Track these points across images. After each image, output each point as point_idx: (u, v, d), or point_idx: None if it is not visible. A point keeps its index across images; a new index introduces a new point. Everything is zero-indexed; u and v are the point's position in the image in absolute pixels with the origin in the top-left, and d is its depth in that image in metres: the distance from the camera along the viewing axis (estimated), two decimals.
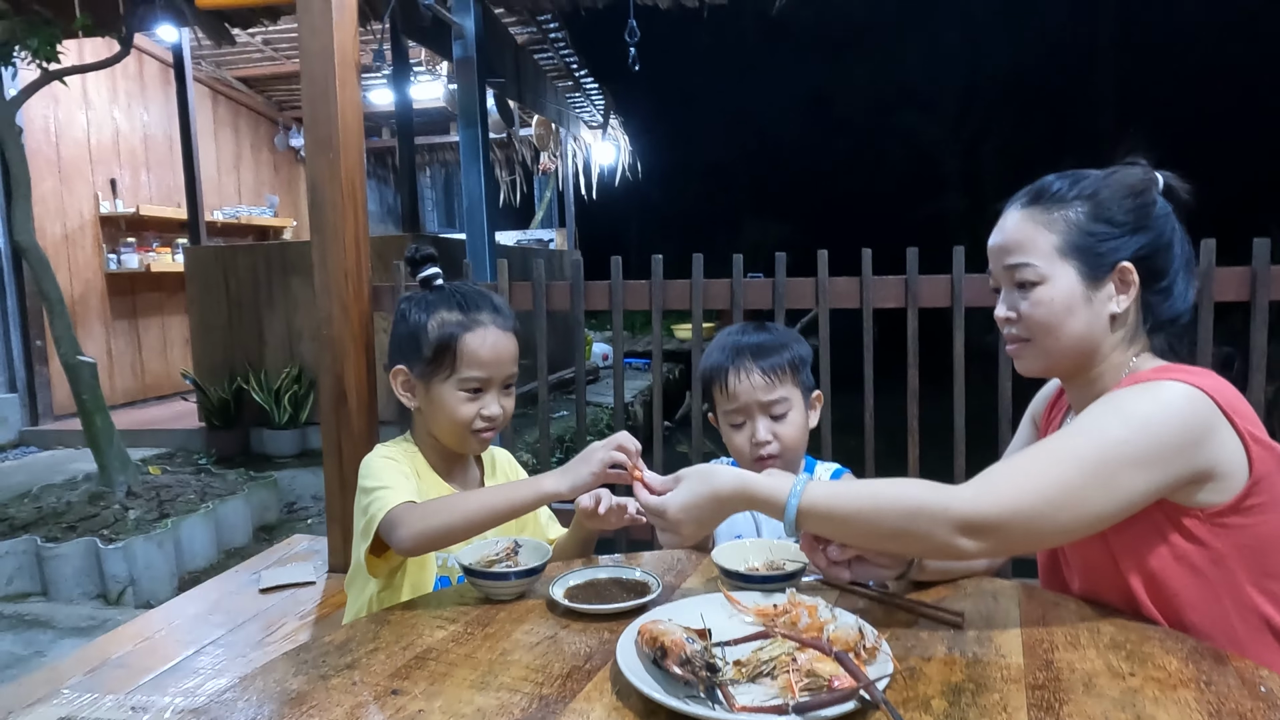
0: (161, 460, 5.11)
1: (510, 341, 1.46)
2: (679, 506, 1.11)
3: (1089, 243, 1.15)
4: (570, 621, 1.14)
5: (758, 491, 1.09)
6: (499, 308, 1.47)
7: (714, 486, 1.10)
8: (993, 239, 1.23)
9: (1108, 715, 0.86)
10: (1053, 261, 1.16)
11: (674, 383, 8.98)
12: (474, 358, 1.41)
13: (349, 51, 2.63)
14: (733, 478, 1.10)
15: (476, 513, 1.28)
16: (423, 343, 1.43)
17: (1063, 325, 1.17)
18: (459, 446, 1.49)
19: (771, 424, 1.50)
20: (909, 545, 1.08)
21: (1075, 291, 1.16)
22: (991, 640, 1.05)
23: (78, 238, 6.47)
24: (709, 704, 0.86)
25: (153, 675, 2.17)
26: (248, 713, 0.93)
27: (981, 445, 2.57)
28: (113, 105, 6.85)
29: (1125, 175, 1.19)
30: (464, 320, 1.42)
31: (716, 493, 1.10)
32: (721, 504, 1.10)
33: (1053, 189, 1.19)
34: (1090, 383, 1.20)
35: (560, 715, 0.89)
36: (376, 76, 7.40)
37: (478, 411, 1.43)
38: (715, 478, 1.11)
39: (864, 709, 0.86)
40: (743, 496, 1.10)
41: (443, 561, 1.47)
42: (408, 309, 1.48)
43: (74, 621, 3.13)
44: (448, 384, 1.42)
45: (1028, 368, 1.24)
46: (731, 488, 1.10)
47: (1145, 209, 1.17)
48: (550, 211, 11.04)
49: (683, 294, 2.80)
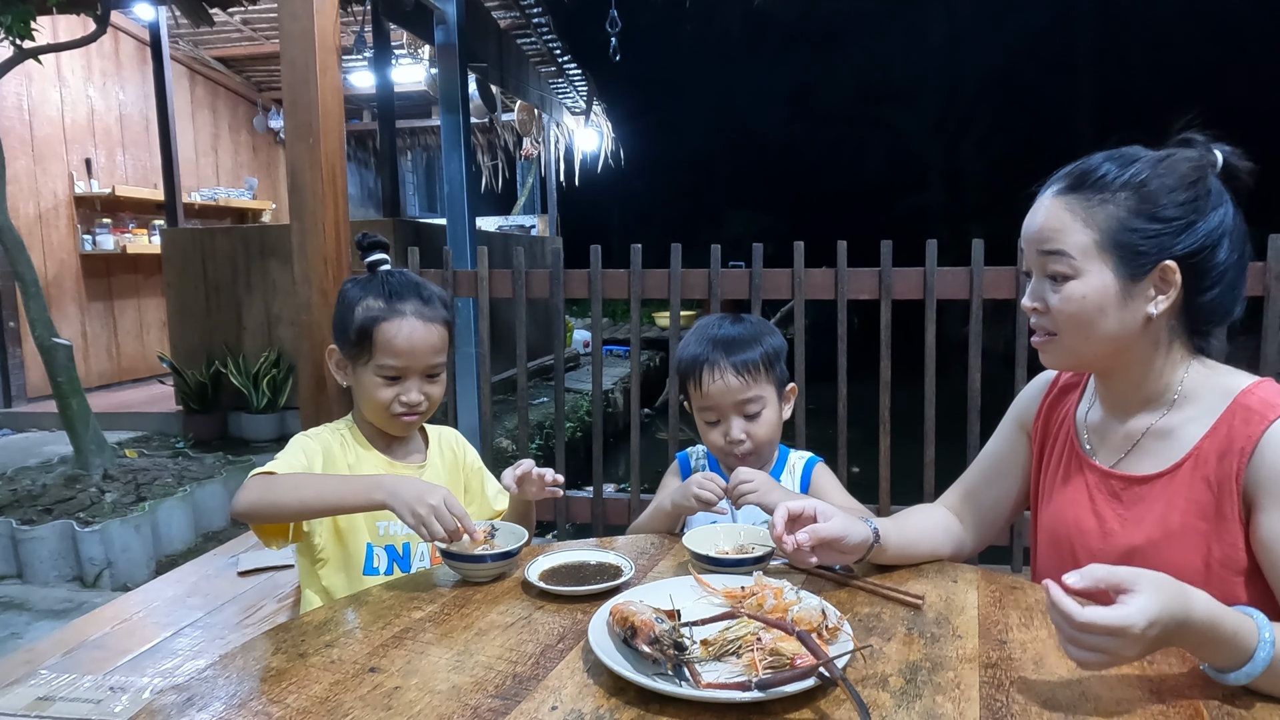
0: (138, 444, 5.08)
1: (432, 333, 1.48)
2: (1149, 622, 0.84)
3: (1131, 239, 1.06)
4: (545, 603, 1.17)
5: (1223, 626, 0.87)
6: (427, 299, 1.50)
7: (1188, 608, 0.86)
8: (1027, 223, 1.14)
9: (1055, 692, 0.90)
10: (1089, 256, 1.07)
11: (654, 370, 9.03)
12: (389, 346, 1.45)
13: (329, 36, 2.62)
14: (1207, 606, 0.87)
15: (309, 499, 1.33)
16: (349, 326, 1.47)
17: (1093, 324, 1.09)
18: (384, 426, 1.53)
19: (745, 423, 1.52)
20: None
21: (1110, 290, 1.07)
22: (949, 621, 1.09)
23: (52, 218, 6.38)
24: (676, 681, 0.89)
25: (131, 656, 2.17)
26: (228, 689, 0.96)
27: (951, 435, 2.64)
28: (88, 84, 6.75)
29: (1178, 162, 1.08)
30: (385, 309, 1.46)
31: (1189, 616, 0.86)
32: (1183, 629, 0.86)
33: (1098, 173, 1.09)
34: (1132, 384, 1.15)
35: (533, 692, 0.92)
36: (358, 59, 7.33)
37: (395, 396, 1.47)
38: (1190, 599, 0.87)
39: (824, 686, 0.90)
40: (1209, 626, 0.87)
41: (385, 529, 1.50)
42: (347, 289, 1.53)
43: (50, 604, 3.12)
44: (367, 368, 1.47)
45: (1053, 362, 1.19)
46: (1205, 616, 0.87)
47: (1197, 202, 1.06)
48: (533, 198, 11.00)
49: (661, 283, 2.83)
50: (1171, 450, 1.13)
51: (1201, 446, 1.10)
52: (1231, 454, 1.06)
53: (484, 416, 3.17)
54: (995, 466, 1.38)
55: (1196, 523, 1.09)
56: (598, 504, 3.04)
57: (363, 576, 1.47)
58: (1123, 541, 1.14)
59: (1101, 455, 1.21)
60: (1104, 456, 1.21)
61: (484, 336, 3.07)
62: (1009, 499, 1.37)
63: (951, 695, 0.90)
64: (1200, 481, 1.09)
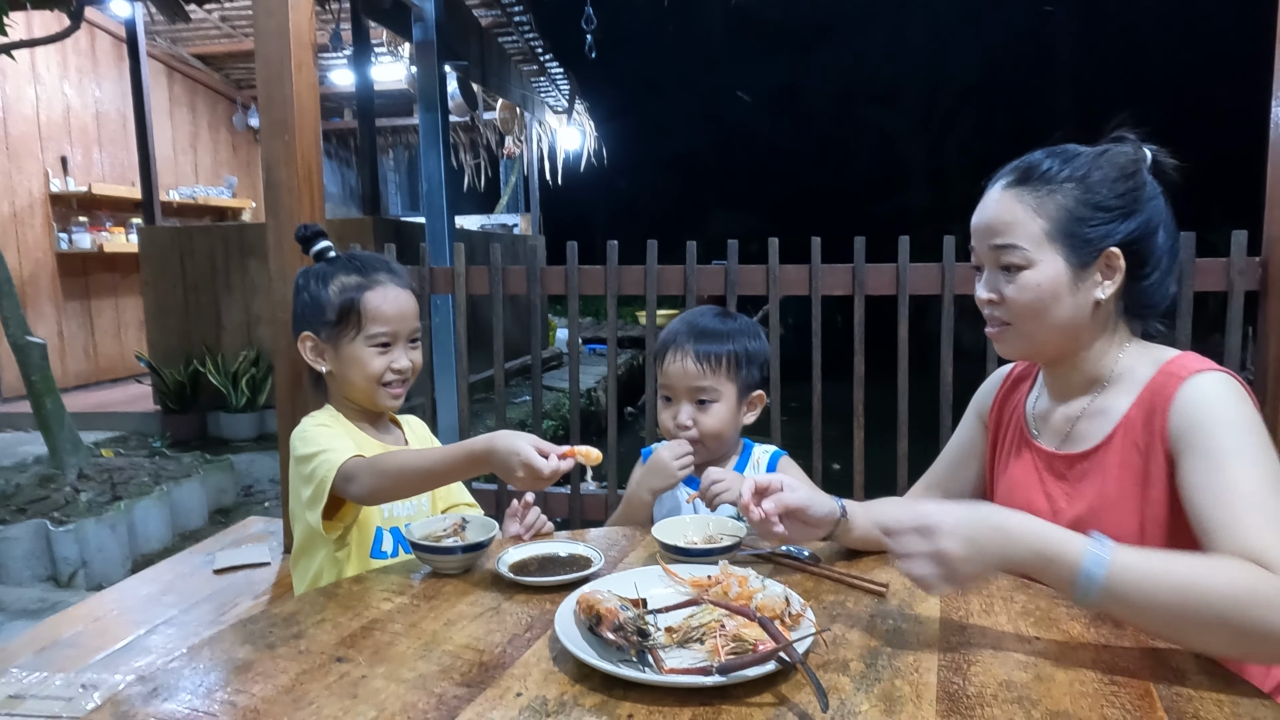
0: (115, 443, 5.04)
1: (409, 298, 1.54)
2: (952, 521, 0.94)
3: (1078, 228, 1.12)
4: (514, 593, 1.18)
5: (1044, 536, 0.94)
6: (394, 270, 1.55)
7: (996, 513, 0.96)
8: (976, 217, 1.19)
9: (1010, 675, 0.92)
10: (1041, 246, 1.13)
11: (637, 369, 8.97)
12: (378, 313, 1.48)
13: (304, 32, 2.61)
14: (1021, 516, 0.96)
15: (423, 465, 1.32)
16: (326, 307, 1.49)
17: (1048, 311, 1.14)
18: (371, 404, 1.54)
19: (694, 410, 1.54)
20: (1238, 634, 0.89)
21: (1062, 277, 1.13)
22: (912, 608, 1.11)
23: (27, 216, 6.31)
24: (639, 667, 0.90)
25: (104, 654, 2.17)
26: (194, 680, 0.96)
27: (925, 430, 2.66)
28: (63, 80, 6.69)
29: (1116, 155, 1.15)
30: (364, 281, 1.50)
31: (1004, 525, 0.94)
32: (1008, 535, 0.94)
33: (1042, 168, 1.15)
34: (1074, 368, 1.20)
35: (498, 679, 0.93)
36: (338, 56, 7.30)
37: (388, 365, 1.50)
38: (996, 510, 0.97)
39: (785, 670, 0.91)
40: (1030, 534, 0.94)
41: (388, 513, 1.52)
42: (305, 280, 1.54)
43: (23, 604, 3.10)
44: (356, 342, 1.49)
45: (1009, 351, 1.23)
46: (1020, 523, 0.95)
47: (1135, 192, 1.14)
48: (515, 196, 10.98)
49: (638, 280, 2.85)
50: (1106, 424, 1.18)
51: (1130, 415, 1.15)
52: (1155, 416, 1.11)
53: (462, 414, 3.17)
54: (958, 457, 1.44)
55: (1130, 489, 1.14)
56: (575, 500, 3.05)
57: (370, 559, 1.49)
58: (1069, 516, 1.18)
59: (1046, 439, 1.27)
60: (1048, 440, 1.26)
61: (461, 333, 3.07)
62: (970, 486, 1.42)
63: (910, 679, 0.92)
64: (1131, 448, 1.14)
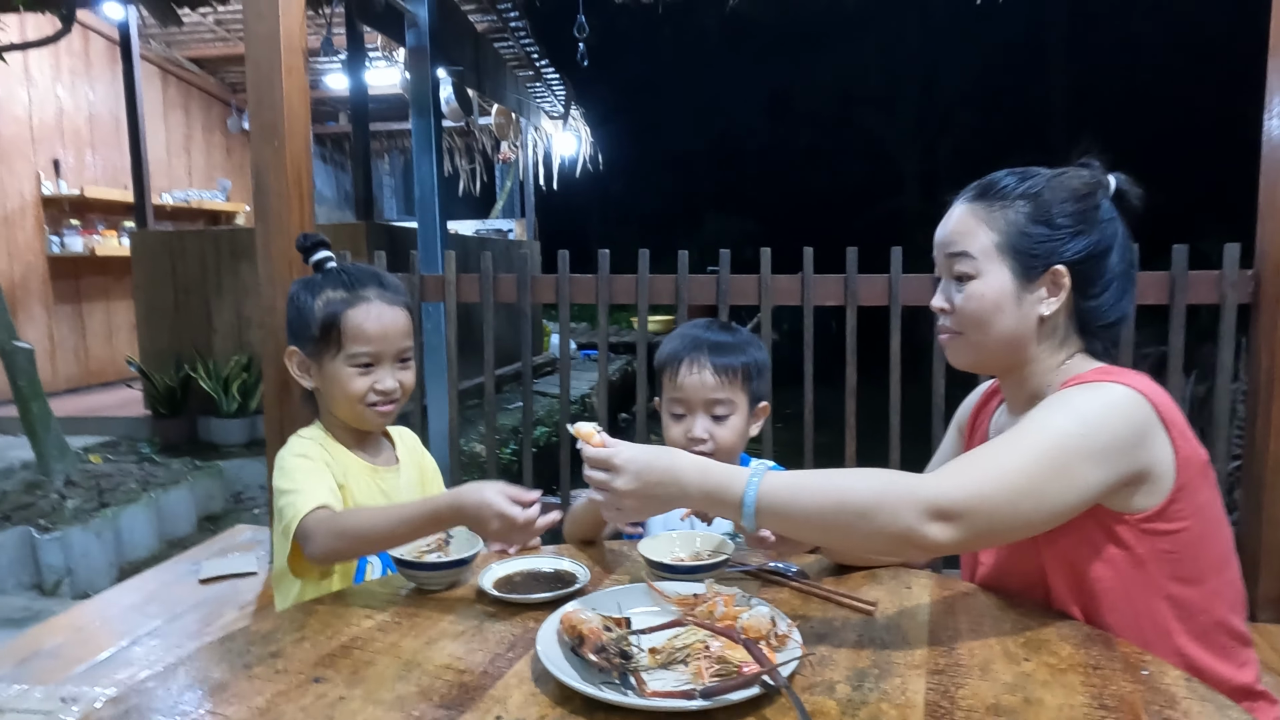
0: (105, 449, 4.99)
1: (398, 316, 1.48)
2: (629, 458, 1.07)
3: (1025, 243, 1.16)
4: (497, 611, 1.16)
5: (711, 474, 1.06)
6: (386, 285, 1.49)
7: (675, 459, 1.07)
8: (939, 229, 1.24)
9: (999, 697, 0.91)
10: (989, 258, 1.17)
11: (634, 374, 8.96)
12: (359, 332, 1.43)
13: (295, 36, 2.60)
14: (694, 459, 1.08)
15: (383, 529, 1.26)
16: (310, 322, 1.44)
17: (991, 321, 1.18)
18: (358, 423, 1.50)
19: (710, 423, 1.51)
20: (872, 532, 1.02)
21: (1007, 290, 1.17)
22: (900, 628, 1.09)
23: (18, 219, 6.27)
24: (622, 689, 0.89)
25: (85, 666, 2.14)
26: (167, 701, 0.94)
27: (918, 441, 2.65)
28: (56, 83, 6.65)
29: (1071, 178, 1.19)
30: (348, 297, 1.44)
31: (675, 466, 1.07)
32: (679, 480, 1.06)
33: (999, 185, 1.20)
34: (1023, 381, 1.22)
35: (478, 701, 0.92)
36: (332, 61, 7.28)
37: (370, 386, 1.44)
38: (678, 455, 1.08)
39: (769, 694, 0.89)
40: (700, 475, 1.06)
41: None
42: (296, 291, 1.50)
43: (7, 612, 3.06)
44: (337, 360, 1.44)
45: (956, 359, 1.26)
46: (692, 465, 1.07)
47: (1087, 214, 1.17)
48: (511, 202, 10.96)
49: (629, 288, 2.83)
50: None
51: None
52: None
53: (452, 422, 3.15)
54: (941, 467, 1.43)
55: None
56: (565, 509, 3.03)
57: (354, 583, 1.45)
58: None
59: None
60: None
61: (451, 341, 3.05)
62: None
63: (896, 702, 0.90)
64: None
